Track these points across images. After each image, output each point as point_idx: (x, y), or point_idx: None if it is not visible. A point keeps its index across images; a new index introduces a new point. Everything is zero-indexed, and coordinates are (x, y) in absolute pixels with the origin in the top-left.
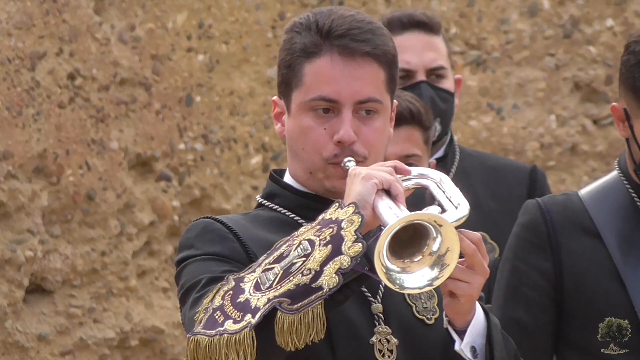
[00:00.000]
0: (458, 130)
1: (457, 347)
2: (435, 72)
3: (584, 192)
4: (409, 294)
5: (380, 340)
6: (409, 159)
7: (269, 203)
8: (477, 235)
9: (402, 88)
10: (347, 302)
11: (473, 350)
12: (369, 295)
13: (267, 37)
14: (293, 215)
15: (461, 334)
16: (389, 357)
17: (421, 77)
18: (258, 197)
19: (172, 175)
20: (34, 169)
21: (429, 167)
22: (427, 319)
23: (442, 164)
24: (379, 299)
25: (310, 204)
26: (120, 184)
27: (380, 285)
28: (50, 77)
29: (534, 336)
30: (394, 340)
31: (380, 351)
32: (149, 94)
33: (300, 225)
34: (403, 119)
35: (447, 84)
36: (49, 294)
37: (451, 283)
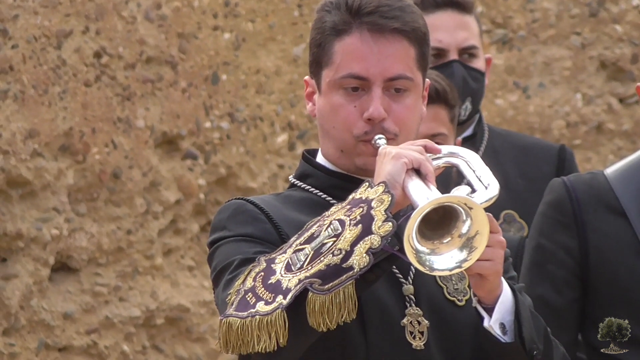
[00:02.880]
0: (484, 109)
1: (486, 323)
2: (467, 52)
3: (609, 170)
4: (440, 276)
5: (411, 322)
6: (435, 138)
7: (301, 183)
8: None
9: (433, 67)
10: (379, 283)
11: (502, 327)
12: (400, 276)
13: (294, 16)
14: (325, 195)
15: (490, 311)
16: (419, 339)
17: (453, 56)
18: (291, 177)
19: (198, 153)
20: (60, 147)
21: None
22: (458, 300)
23: (471, 143)
24: (410, 280)
25: (343, 184)
26: (146, 163)
27: (411, 267)
28: (77, 56)
29: (560, 313)
30: (425, 322)
31: (411, 333)
32: (175, 73)
33: (332, 205)
34: (429, 97)
35: (479, 64)
36: (75, 273)
37: (477, 266)
